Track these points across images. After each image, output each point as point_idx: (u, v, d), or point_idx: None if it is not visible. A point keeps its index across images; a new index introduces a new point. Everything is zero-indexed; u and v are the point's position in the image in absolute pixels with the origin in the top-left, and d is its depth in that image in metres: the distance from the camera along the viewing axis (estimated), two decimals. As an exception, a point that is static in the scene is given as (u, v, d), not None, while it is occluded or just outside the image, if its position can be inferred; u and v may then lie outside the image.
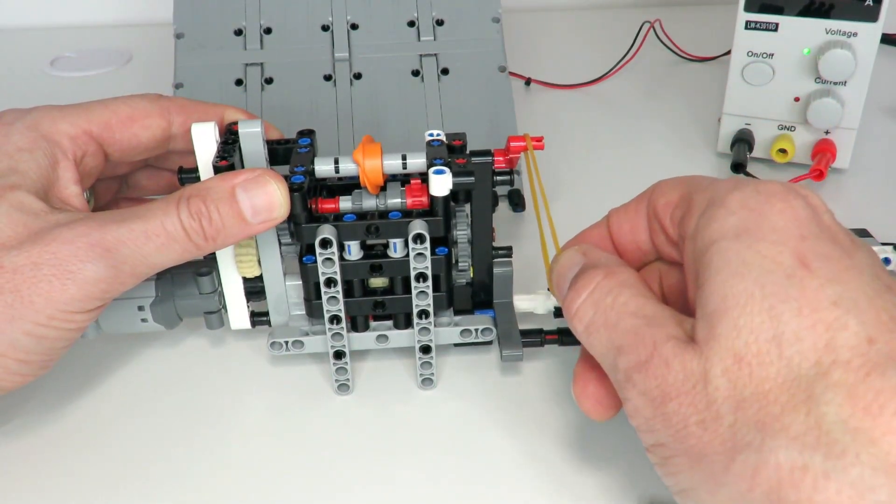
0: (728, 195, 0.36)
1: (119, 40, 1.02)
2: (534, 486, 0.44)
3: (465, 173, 0.45)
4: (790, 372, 0.31)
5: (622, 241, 0.43)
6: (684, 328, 0.35)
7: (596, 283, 0.38)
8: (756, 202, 0.35)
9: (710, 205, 0.36)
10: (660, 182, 0.42)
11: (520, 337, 0.49)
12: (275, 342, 0.49)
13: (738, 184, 0.36)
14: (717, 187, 0.37)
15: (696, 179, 0.40)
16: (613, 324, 0.37)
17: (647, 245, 0.42)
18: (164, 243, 0.42)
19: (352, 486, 0.44)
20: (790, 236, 0.33)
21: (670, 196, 0.40)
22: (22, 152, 0.45)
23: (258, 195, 0.43)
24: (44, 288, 0.40)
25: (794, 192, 0.35)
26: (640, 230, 0.42)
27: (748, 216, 0.34)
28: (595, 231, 0.44)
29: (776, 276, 0.32)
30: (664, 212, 0.40)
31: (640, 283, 0.38)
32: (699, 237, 0.36)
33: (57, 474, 0.45)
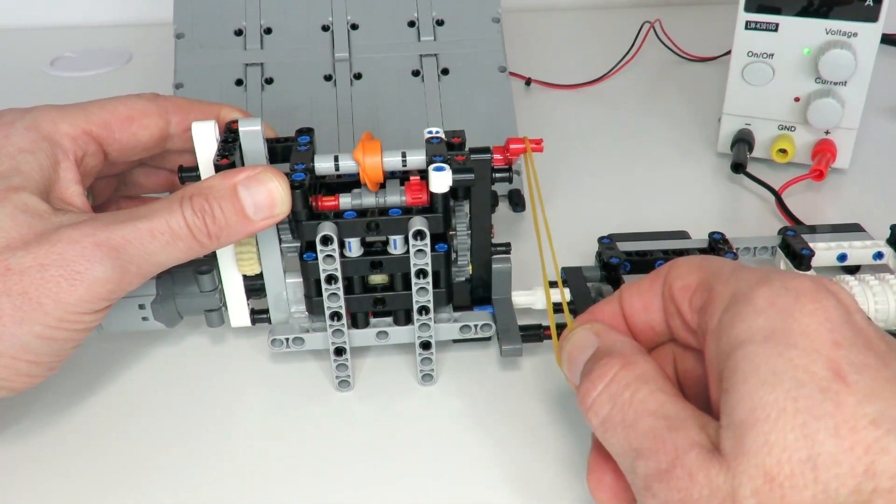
0: (754, 291, 0.34)
1: (119, 40, 1.02)
2: (534, 481, 0.44)
3: (465, 170, 0.45)
4: (827, 498, 0.29)
5: (634, 319, 0.41)
6: (708, 433, 0.33)
7: (612, 374, 0.36)
8: (785, 301, 0.33)
9: (735, 300, 0.34)
10: (676, 262, 0.39)
11: (519, 332, 0.49)
12: (275, 339, 0.49)
13: (764, 277, 0.34)
14: (740, 279, 0.35)
15: (715, 265, 0.37)
16: (631, 423, 0.35)
17: (660, 326, 0.40)
18: (169, 241, 0.42)
19: (353, 483, 0.44)
20: (823, 343, 0.31)
21: (688, 280, 0.38)
22: (24, 153, 0.45)
23: (260, 192, 0.43)
24: (52, 289, 0.40)
25: (824, 290, 0.33)
26: (654, 310, 0.40)
27: (777, 317, 0.32)
28: (607, 307, 0.42)
29: (809, 389, 0.30)
30: (682, 296, 0.38)
31: (660, 376, 0.36)
32: (724, 336, 0.34)
33: (61, 474, 0.45)
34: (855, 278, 0.52)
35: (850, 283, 0.52)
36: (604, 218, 0.64)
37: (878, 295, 0.51)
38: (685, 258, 0.39)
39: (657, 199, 0.68)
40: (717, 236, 0.56)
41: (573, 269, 0.55)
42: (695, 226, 0.59)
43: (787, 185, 0.67)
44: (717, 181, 0.71)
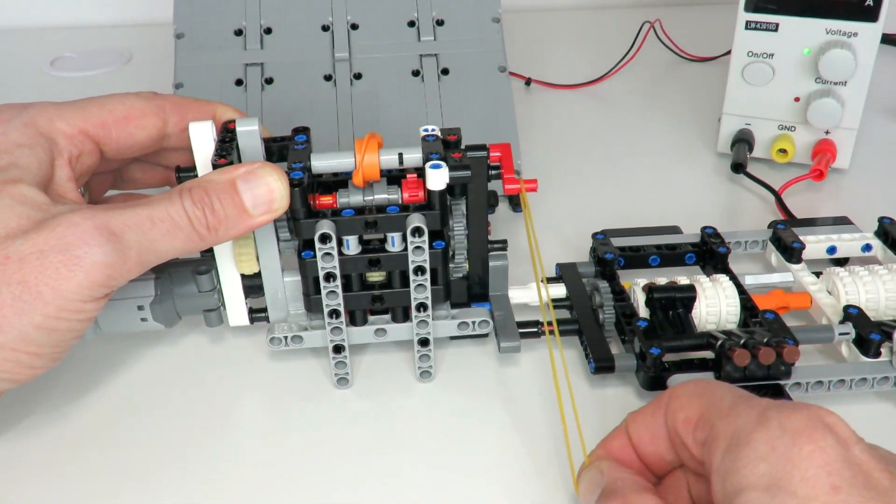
0: (753, 434, 0.34)
1: (119, 40, 1.02)
2: (532, 476, 0.44)
3: (462, 167, 0.45)
4: None
5: (643, 450, 0.41)
6: None
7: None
8: (783, 444, 0.33)
9: (735, 443, 0.34)
10: (675, 392, 0.39)
11: (517, 328, 0.50)
12: (274, 337, 0.49)
13: (761, 418, 0.34)
14: (739, 417, 0.35)
15: (713, 395, 0.37)
16: None
17: (669, 455, 0.40)
18: (169, 230, 0.42)
19: (352, 479, 0.45)
20: (822, 489, 0.31)
21: (688, 412, 0.38)
22: (21, 148, 0.45)
23: (259, 186, 0.43)
24: (51, 277, 0.40)
25: (820, 427, 0.33)
26: (661, 440, 0.40)
27: (776, 464, 0.32)
28: (616, 441, 0.41)
29: None
30: (685, 429, 0.38)
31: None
32: (728, 479, 0.34)
33: (61, 473, 0.46)
34: (845, 269, 0.52)
35: (841, 275, 0.52)
36: (604, 218, 0.64)
37: (868, 286, 0.51)
38: (683, 386, 0.39)
39: (657, 198, 0.68)
40: (709, 230, 0.56)
41: (568, 266, 0.55)
42: (695, 225, 0.59)
43: (787, 185, 0.67)
44: (717, 181, 0.71)
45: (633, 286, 0.52)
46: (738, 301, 0.50)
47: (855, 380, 0.47)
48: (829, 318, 0.51)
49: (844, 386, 0.47)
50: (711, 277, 0.52)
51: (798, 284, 0.54)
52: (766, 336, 0.46)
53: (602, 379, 0.50)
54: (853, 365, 0.48)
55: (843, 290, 0.51)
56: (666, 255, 0.56)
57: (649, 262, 0.56)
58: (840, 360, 0.50)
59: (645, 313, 0.51)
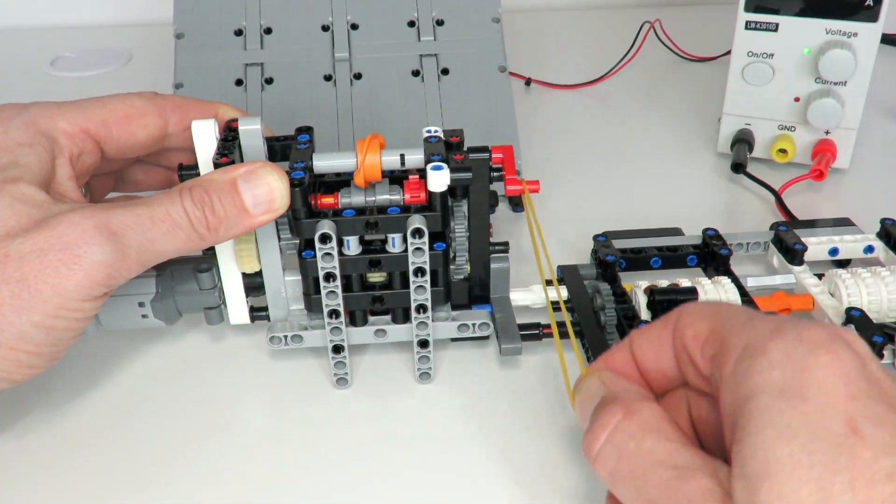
0: (769, 343, 0.33)
1: (119, 40, 1.02)
2: (532, 479, 0.44)
3: (463, 169, 0.45)
4: None
5: (646, 367, 0.40)
6: (719, 478, 0.32)
7: (615, 424, 0.36)
8: (800, 353, 0.32)
9: (749, 352, 0.33)
10: (686, 309, 0.39)
11: (518, 331, 0.49)
12: (274, 337, 0.49)
13: (778, 329, 0.33)
14: (754, 329, 0.34)
15: (726, 313, 0.37)
16: (641, 475, 0.34)
17: (673, 372, 0.39)
18: (169, 229, 0.42)
19: (350, 480, 0.45)
20: (838, 396, 0.31)
21: (699, 328, 0.37)
22: (22, 147, 0.45)
23: (259, 186, 0.43)
24: (50, 275, 0.40)
25: (839, 340, 0.33)
26: (666, 357, 0.39)
27: (792, 370, 0.32)
28: (618, 355, 0.41)
29: (825, 443, 0.30)
30: (693, 345, 0.37)
31: (665, 421, 0.36)
32: (739, 387, 0.33)
33: (61, 470, 0.46)
34: (848, 271, 0.52)
35: (843, 276, 0.52)
36: (604, 218, 0.64)
37: (870, 287, 0.51)
38: (694, 304, 0.39)
39: (657, 199, 0.68)
40: (710, 232, 0.56)
41: (569, 268, 0.55)
42: (695, 226, 0.59)
43: (787, 185, 0.67)
44: (717, 181, 0.71)
45: (635, 288, 0.52)
46: (740, 303, 0.50)
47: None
48: (832, 320, 0.51)
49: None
50: (713, 279, 0.52)
51: (800, 286, 0.54)
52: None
53: (602, 380, 0.50)
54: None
55: (845, 292, 0.51)
56: (667, 257, 0.56)
57: (651, 264, 0.56)
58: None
59: (646, 315, 0.51)
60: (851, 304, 0.51)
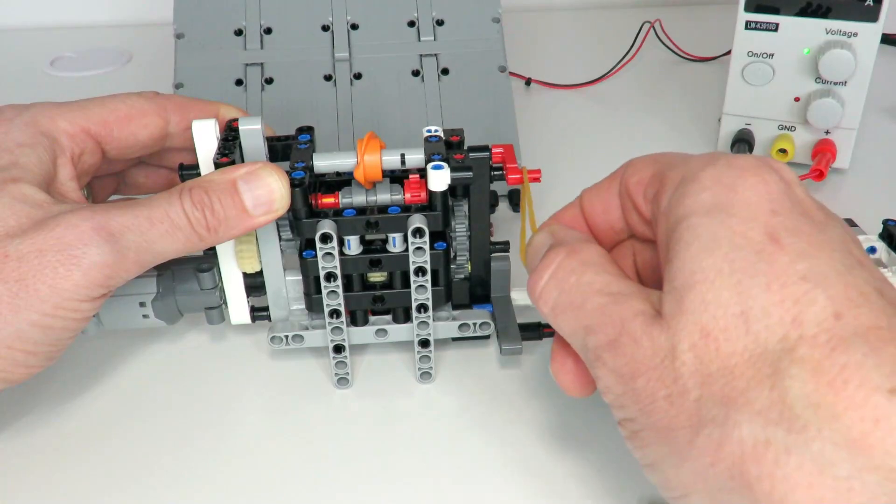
0: (701, 171, 0.35)
1: (119, 40, 1.02)
2: (532, 480, 0.44)
3: (464, 168, 0.45)
4: (757, 347, 0.31)
5: (595, 220, 0.43)
6: (651, 302, 0.35)
7: (558, 262, 0.38)
8: (729, 177, 0.34)
9: (683, 181, 0.36)
10: (632, 160, 0.41)
11: (518, 331, 0.49)
12: (275, 336, 0.49)
13: (711, 159, 0.36)
14: (690, 163, 0.36)
15: (668, 156, 0.39)
16: (579, 304, 0.37)
17: (619, 223, 0.42)
18: (169, 230, 0.42)
19: (351, 480, 0.45)
20: (761, 211, 0.33)
21: (643, 174, 0.40)
22: (23, 147, 0.45)
23: (259, 187, 0.43)
24: (48, 275, 0.40)
25: (766, 165, 0.35)
26: (613, 209, 0.42)
27: (720, 191, 0.34)
28: (568, 211, 0.44)
29: (745, 252, 0.32)
30: (637, 190, 0.40)
31: (604, 258, 0.38)
32: (671, 213, 0.35)
33: (61, 470, 0.46)
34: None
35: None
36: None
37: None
38: (640, 157, 0.41)
39: (657, 198, 0.68)
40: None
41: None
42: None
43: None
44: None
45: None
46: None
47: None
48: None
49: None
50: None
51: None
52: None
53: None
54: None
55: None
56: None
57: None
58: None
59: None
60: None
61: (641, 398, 0.33)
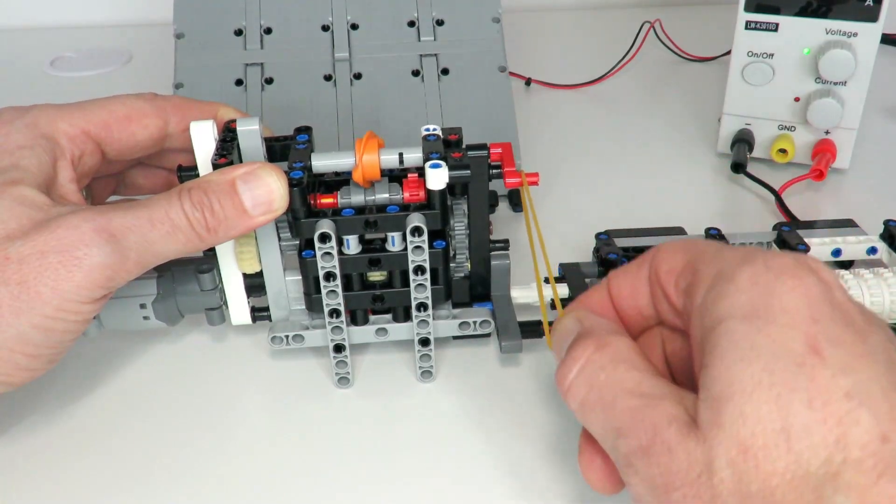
0: (737, 270, 0.34)
1: (119, 40, 1.02)
2: (533, 478, 0.44)
3: (462, 167, 0.45)
4: (799, 468, 0.29)
5: (623, 305, 0.41)
6: (685, 406, 0.33)
7: (587, 356, 0.37)
8: (766, 279, 0.33)
9: (719, 279, 0.34)
10: (661, 246, 0.40)
11: (518, 328, 0.49)
12: (275, 336, 0.49)
13: (746, 257, 0.34)
14: (724, 259, 0.35)
15: (700, 246, 0.38)
16: (609, 403, 0.35)
17: (648, 310, 0.40)
18: (169, 231, 0.42)
19: (352, 479, 0.45)
20: (801, 319, 0.32)
21: (674, 263, 0.38)
22: (23, 150, 0.45)
23: (258, 187, 0.43)
24: (50, 277, 0.40)
25: (805, 267, 0.33)
26: (642, 295, 0.40)
27: (758, 295, 0.33)
28: (595, 294, 0.42)
29: (786, 363, 0.31)
30: (667, 279, 0.38)
31: (636, 353, 0.37)
32: (707, 314, 0.34)
33: (62, 471, 0.46)
34: (850, 272, 0.52)
35: (846, 278, 0.52)
36: (603, 217, 0.64)
37: (873, 289, 0.51)
38: (670, 242, 0.40)
39: (657, 199, 0.68)
40: (713, 231, 0.56)
41: (571, 266, 0.55)
42: (695, 225, 0.59)
43: (787, 185, 0.67)
44: (717, 181, 0.71)
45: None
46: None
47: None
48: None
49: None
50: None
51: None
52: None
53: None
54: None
55: (846, 293, 0.51)
56: (669, 256, 0.56)
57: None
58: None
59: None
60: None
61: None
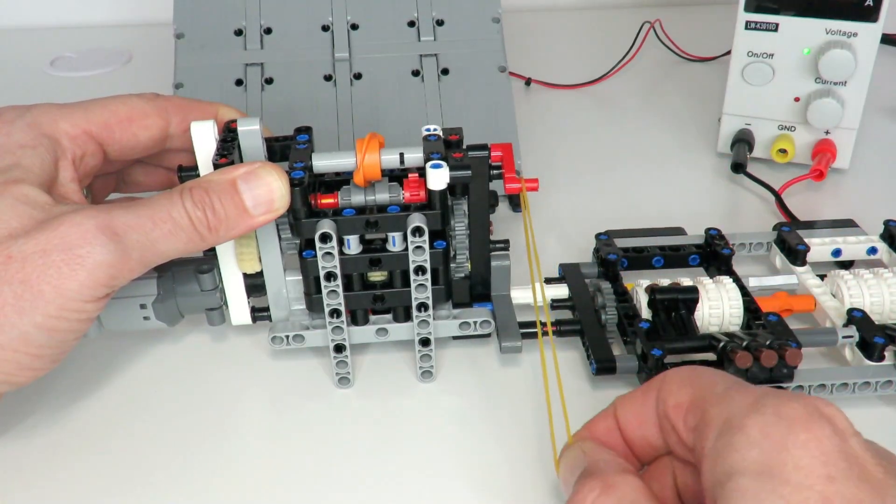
0: (747, 419, 0.33)
1: (119, 40, 1.02)
2: (532, 477, 0.44)
3: (462, 167, 0.45)
4: None
5: (630, 434, 0.40)
6: None
7: (592, 499, 0.36)
8: (778, 432, 0.32)
9: (728, 427, 0.33)
10: (666, 377, 0.38)
11: (518, 328, 0.49)
12: (276, 336, 0.49)
13: (756, 404, 0.33)
14: (733, 402, 0.34)
15: (706, 381, 0.37)
16: None
17: (657, 440, 0.39)
18: (171, 230, 0.42)
19: (352, 479, 0.45)
20: (815, 477, 0.31)
21: (680, 397, 0.37)
22: (24, 149, 0.45)
23: (259, 186, 0.43)
24: (53, 276, 0.40)
25: (817, 416, 0.32)
26: (649, 425, 0.39)
27: (770, 450, 0.32)
28: (602, 423, 0.41)
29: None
30: (675, 415, 0.37)
31: (643, 495, 0.36)
32: (719, 464, 0.33)
33: (63, 470, 0.46)
34: (850, 273, 0.52)
35: (846, 277, 0.52)
36: (603, 217, 0.64)
37: (872, 289, 0.51)
38: (675, 372, 0.38)
39: (657, 198, 0.68)
40: (713, 232, 0.56)
41: (571, 266, 0.55)
42: (695, 225, 0.59)
43: (787, 185, 0.67)
44: (717, 181, 0.71)
45: (636, 287, 0.52)
46: (742, 303, 0.50)
47: (858, 383, 0.47)
48: (833, 321, 0.51)
49: (847, 389, 0.47)
50: (715, 279, 0.52)
51: (802, 287, 0.54)
52: (769, 338, 0.46)
53: (604, 380, 0.50)
54: (856, 368, 0.48)
55: (847, 293, 0.51)
56: (669, 257, 0.56)
57: (653, 263, 0.56)
58: (843, 363, 0.50)
59: (647, 314, 0.51)
60: (853, 306, 0.51)
61: None
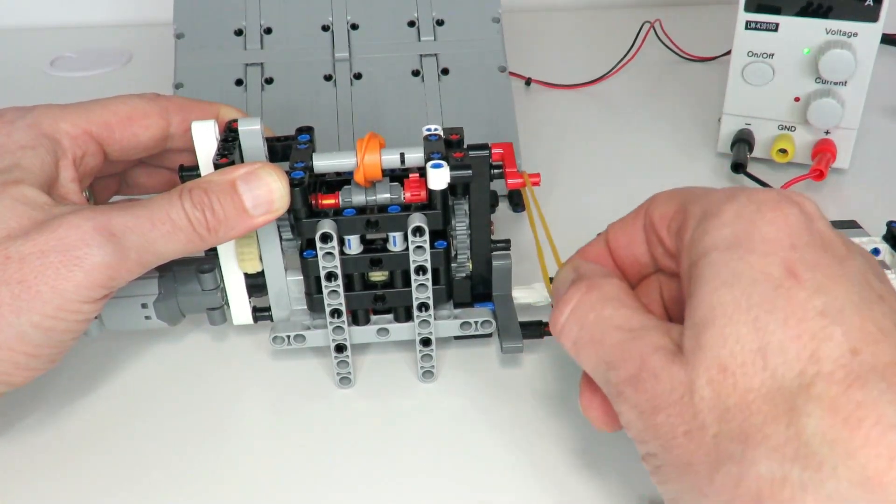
0: (722, 206, 0.35)
1: (119, 40, 1.02)
2: (533, 480, 0.44)
3: (463, 167, 0.45)
4: (774, 383, 0.31)
5: (620, 254, 0.43)
6: (671, 336, 0.35)
7: (578, 298, 0.38)
8: (749, 212, 0.35)
9: (705, 216, 0.36)
10: (656, 195, 0.41)
11: (519, 329, 0.50)
12: (277, 336, 0.49)
13: (732, 194, 0.36)
14: (711, 198, 0.37)
15: (691, 190, 0.39)
16: (599, 339, 0.37)
17: (645, 258, 0.42)
18: (170, 231, 0.42)
19: (353, 479, 0.45)
20: (780, 246, 0.33)
21: (666, 208, 0.40)
22: (25, 149, 0.45)
23: (259, 187, 0.43)
24: (50, 276, 0.40)
25: (787, 199, 0.35)
26: (638, 243, 0.42)
27: (740, 227, 0.34)
28: (593, 246, 0.44)
29: (764, 287, 0.32)
30: (661, 224, 0.40)
31: (624, 292, 0.38)
32: (693, 249, 0.36)
33: (64, 470, 0.46)
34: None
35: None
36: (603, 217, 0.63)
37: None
38: (663, 191, 0.41)
39: (657, 198, 0.68)
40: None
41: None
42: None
43: (788, 185, 0.67)
44: (717, 181, 0.71)
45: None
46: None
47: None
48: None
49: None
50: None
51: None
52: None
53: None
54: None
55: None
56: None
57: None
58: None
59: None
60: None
61: (662, 434, 0.33)
